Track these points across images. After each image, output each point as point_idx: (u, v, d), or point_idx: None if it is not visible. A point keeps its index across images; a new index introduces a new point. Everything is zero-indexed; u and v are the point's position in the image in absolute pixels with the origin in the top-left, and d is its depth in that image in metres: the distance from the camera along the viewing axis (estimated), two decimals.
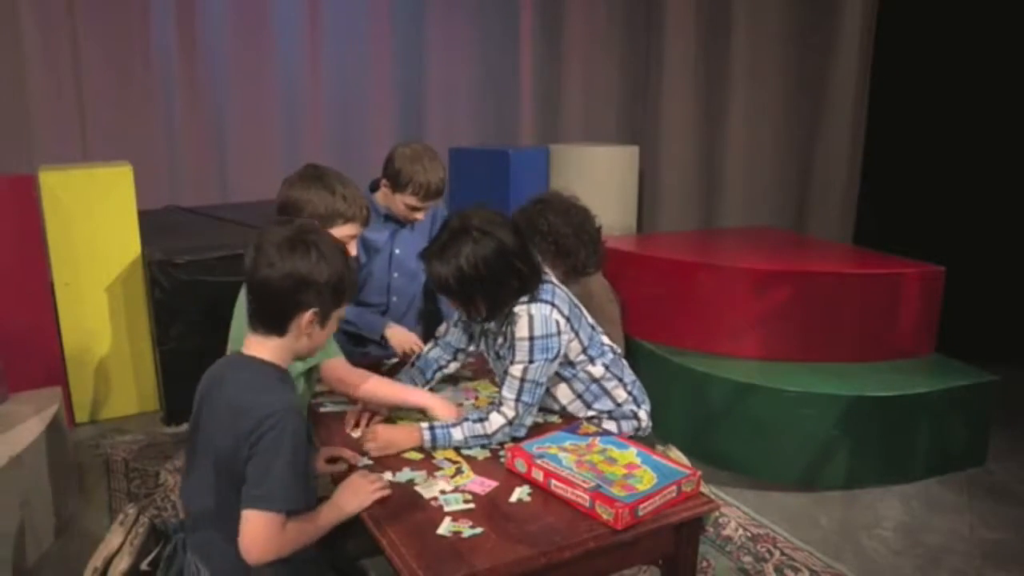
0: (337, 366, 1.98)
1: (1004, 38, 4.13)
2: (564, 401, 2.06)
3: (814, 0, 4.97)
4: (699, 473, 1.68)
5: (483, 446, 1.85)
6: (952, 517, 2.83)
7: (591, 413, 2.06)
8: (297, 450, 1.43)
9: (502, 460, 1.77)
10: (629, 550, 1.59)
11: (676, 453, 2.03)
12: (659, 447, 2.11)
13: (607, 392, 2.07)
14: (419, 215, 2.47)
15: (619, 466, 1.68)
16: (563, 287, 2.02)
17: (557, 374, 2.00)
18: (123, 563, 1.56)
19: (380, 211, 2.54)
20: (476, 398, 2.16)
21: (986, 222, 4.23)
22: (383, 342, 2.56)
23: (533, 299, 1.90)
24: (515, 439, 1.86)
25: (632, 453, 1.75)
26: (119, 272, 3.38)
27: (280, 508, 1.41)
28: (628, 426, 2.11)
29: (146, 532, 1.62)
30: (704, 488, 1.72)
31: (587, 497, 1.57)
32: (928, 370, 3.18)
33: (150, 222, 3.58)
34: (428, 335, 2.56)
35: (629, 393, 2.10)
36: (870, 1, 4.77)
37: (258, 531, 1.41)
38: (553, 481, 1.64)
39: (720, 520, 2.75)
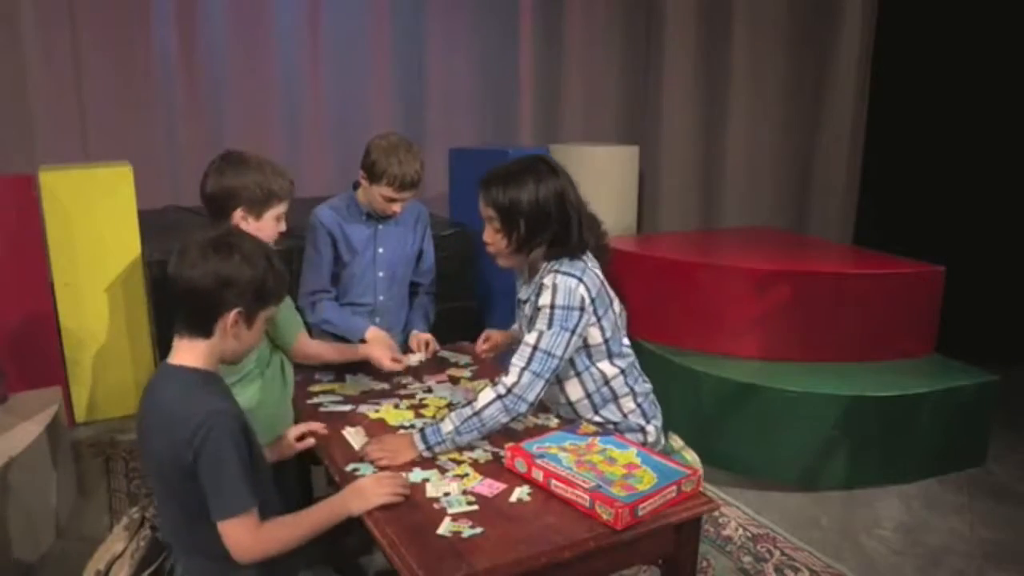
0: (306, 343, 2.15)
1: (1004, 38, 4.13)
2: (573, 397, 2.00)
3: (814, 1, 4.97)
4: (699, 473, 1.68)
5: (479, 432, 1.79)
6: (952, 517, 2.83)
7: (597, 419, 2.00)
8: (239, 448, 1.47)
9: (502, 459, 1.77)
10: (629, 550, 1.59)
11: (692, 455, 2.04)
12: (673, 442, 2.10)
13: (616, 398, 2.00)
14: (396, 207, 2.46)
15: (619, 466, 1.68)
16: (598, 269, 1.98)
17: (571, 363, 1.94)
18: (123, 572, 1.59)
19: (361, 210, 2.54)
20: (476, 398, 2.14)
21: (986, 222, 4.23)
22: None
23: (561, 271, 1.87)
24: (515, 417, 1.80)
25: (632, 453, 1.75)
26: (119, 272, 3.37)
27: (241, 510, 1.46)
28: (633, 440, 2.06)
29: (148, 545, 1.65)
30: (704, 488, 1.72)
31: (587, 497, 1.57)
32: (928, 370, 3.19)
33: (150, 222, 3.57)
34: (434, 335, 2.55)
35: (638, 405, 2.03)
36: (870, 2, 4.78)
37: (236, 537, 1.47)
38: (553, 481, 1.64)
39: (720, 520, 2.76)
